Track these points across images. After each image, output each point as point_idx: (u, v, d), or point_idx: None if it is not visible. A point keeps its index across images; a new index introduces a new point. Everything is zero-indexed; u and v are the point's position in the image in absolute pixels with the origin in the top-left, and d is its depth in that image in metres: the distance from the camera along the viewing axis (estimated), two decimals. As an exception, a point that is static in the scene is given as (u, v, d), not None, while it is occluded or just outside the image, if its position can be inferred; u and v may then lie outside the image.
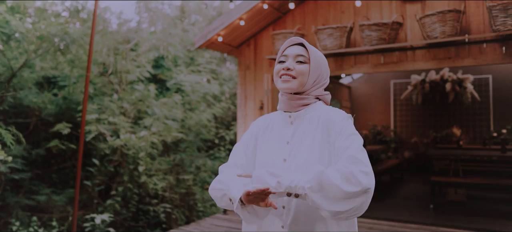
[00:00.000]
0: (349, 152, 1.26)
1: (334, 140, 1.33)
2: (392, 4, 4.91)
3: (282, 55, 1.44)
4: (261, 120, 1.55)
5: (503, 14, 3.97)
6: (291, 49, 1.43)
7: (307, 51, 1.41)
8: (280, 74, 1.41)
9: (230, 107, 10.37)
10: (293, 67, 1.38)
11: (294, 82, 1.39)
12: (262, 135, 1.50)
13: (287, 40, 1.47)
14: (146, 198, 5.83)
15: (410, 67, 4.86)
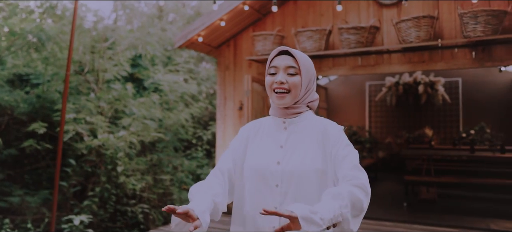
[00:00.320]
0: (350, 160, 1.34)
1: (331, 149, 1.39)
2: (370, 9, 5.05)
3: (272, 67, 1.45)
4: (251, 125, 1.58)
5: (473, 21, 4.17)
6: (280, 60, 1.44)
7: (296, 61, 1.42)
8: (273, 88, 1.43)
9: (208, 107, 10.34)
10: (286, 80, 1.41)
11: (288, 97, 1.42)
12: (253, 139, 1.53)
13: (274, 49, 1.47)
14: (124, 198, 5.76)
15: (386, 70, 5.01)
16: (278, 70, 1.43)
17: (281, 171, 1.40)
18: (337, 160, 1.36)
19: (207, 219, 1.26)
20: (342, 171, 1.33)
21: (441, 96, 8.50)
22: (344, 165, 1.34)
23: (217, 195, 1.39)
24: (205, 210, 1.28)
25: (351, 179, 1.28)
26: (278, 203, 1.39)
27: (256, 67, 5.70)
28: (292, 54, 1.43)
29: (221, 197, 1.40)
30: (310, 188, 1.37)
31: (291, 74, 1.41)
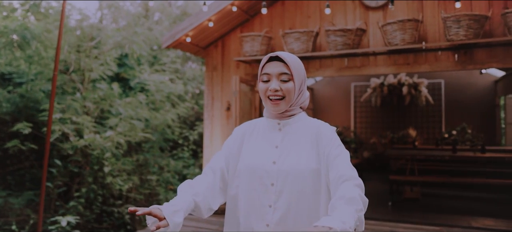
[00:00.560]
0: (344, 160, 1.39)
1: (324, 148, 1.43)
2: (356, 11, 5.13)
3: (264, 74, 1.47)
4: (246, 125, 1.61)
5: (456, 25, 4.29)
6: (272, 67, 1.46)
7: (288, 67, 1.45)
8: (267, 95, 1.46)
9: (194, 107, 10.33)
10: (280, 87, 1.44)
11: (282, 103, 1.46)
12: (248, 138, 1.56)
13: (265, 56, 1.49)
14: (110, 199, 5.71)
15: (372, 72, 5.10)
16: (271, 77, 1.45)
17: (277, 171, 1.43)
18: (329, 159, 1.40)
19: (177, 220, 1.28)
20: (338, 170, 1.36)
21: (424, 97, 8.68)
22: (338, 164, 1.38)
23: (197, 194, 1.42)
24: (179, 210, 1.31)
25: (349, 179, 1.32)
26: (273, 202, 1.42)
27: (244, 68, 5.73)
28: (283, 59, 1.45)
29: (202, 196, 1.43)
30: (304, 187, 1.41)
31: (284, 80, 1.44)
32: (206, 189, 1.47)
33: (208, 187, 1.48)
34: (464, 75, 8.75)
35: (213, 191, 1.50)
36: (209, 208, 1.47)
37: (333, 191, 1.36)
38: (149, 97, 7.60)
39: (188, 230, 4.62)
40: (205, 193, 1.45)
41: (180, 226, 1.33)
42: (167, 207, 1.30)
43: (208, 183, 1.49)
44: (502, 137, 8.25)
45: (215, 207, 1.50)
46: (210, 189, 1.49)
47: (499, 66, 4.60)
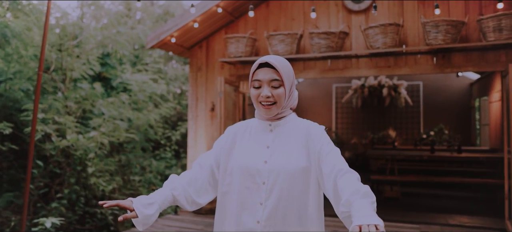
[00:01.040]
0: (338, 155, 1.45)
1: (315, 146, 1.49)
2: (339, 14, 5.24)
3: (255, 80, 1.51)
4: (239, 125, 1.66)
5: (435, 30, 4.44)
6: (263, 73, 1.50)
7: (279, 73, 1.49)
8: (259, 100, 1.51)
9: (176, 107, 10.28)
10: (271, 93, 1.49)
11: (274, 108, 1.51)
12: (241, 138, 1.61)
13: (256, 63, 1.53)
14: (93, 200, 5.65)
15: (354, 74, 5.23)
16: (262, 83, 1.50)
17: (268, 170, 1.49)
18: (321, 155, 1.46)
19: (147, 212, 1.40)
20: (334, 164, 1.41)
21: (403, 98, 8.90)
22: (333, 158, 1.43)
23: (175, 188, 1.51)
24: (153, 202, 1.43)
25: (349, 172, 1.37)
26: (264, 199, 1.48)
27: (228, 69, 5.77)
28: (273, 65, 1.49)
29: (180, 189, 1.52)
30: (293, 185, 1.47)
31: (275, 87, 1.49)
32: (187, 183, 1.54)
33: (190, 181, 1.55)
34: (442, 77, 9.02)
35: (198, 186, 1.57)
36: (192, 201, 1.55)
37: (329, 183, 1.39)
38: (132, 97, 7.53)
39: (173, 230, 4.62)
40: (185, 187, 1.53)
41: (152, 218, 1.43)
42: (140, 199, 1.42)
43: (190, 178, 1.56)
44: (477, 137, 8.55)
45: (202, 201, 1.58)
46: (192, 183, 1.56)
47: (474, 70, 4.78)
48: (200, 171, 1.59)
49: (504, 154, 4.62)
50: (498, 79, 6.56)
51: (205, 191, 1.59)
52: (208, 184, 1.59)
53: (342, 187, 1.33)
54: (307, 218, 1.49)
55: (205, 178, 1.59)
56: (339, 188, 1.35)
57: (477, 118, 8.64)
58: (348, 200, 1.24)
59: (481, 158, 6.19)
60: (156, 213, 1.46)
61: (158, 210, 1.47)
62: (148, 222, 1.44)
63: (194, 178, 1.57)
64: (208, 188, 1.60)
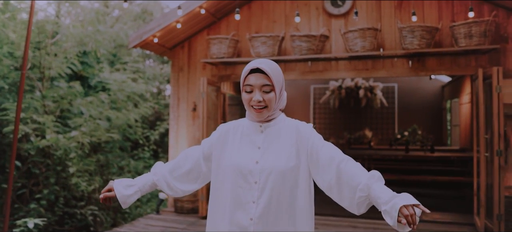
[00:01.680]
0: (331, 145, 1.57)
1: (307, 143, 1.59)
2: (320, 18, 5.39)
3: (247, 85, 1.58)
4: (231, 124, 1.73)
5: (411, 35, 4.65)
6: (255, 78, 1.56)
7: (270, 78, 1.56)
8: (251, 104, 1.58)
9: (154, 107, 10.22)
10: (263, 98, 1.56)
11: (265, 111, 1.59)
12: (233, 137, 1.67)
13: (246, 67, 1.60)
14: (72, 201, 5.58)
15: (333, 76, 5.39)
16: (253, 88, 1.56)
17: (259, 170, 1.56)
18: (315, 150, 1.56)
19: (125, 192, 1.60)
20: (332, 156, 1.52)
21: (379, 100, 9.17)
22: (329, 150, 1.55)
23: (156, 173, 1.68)
24: (133, 185, 1.63)
25: (349, 160, 1.51)
26: (256, 198, 1.55)
27: (210, 69, 5.82)
28: (264, 71, 1.55)
29: (160, 175, 1.67)
30: (284, 183, 1.55)
31: (266, 91, 1.56)
32: (169, 171, 1.69)
33: (173, 169, 1.69)
34: (415, 80, 9.35)
35: (180, 173, 1.70)
36: (173, 187, 1.69)
37: (330, 173, 1.51)
38: (111, 96, 7.46)
39: (157, 230, 4.64)
40: (165, 174, 1.67)
41: (130, 198, 1.61)
42: (121, 181, 1.63)
43: (173, 166, 1.70)
44: (448, 137, 8.92)
45: (183, 188, 1.71)
46: (175, 170, 1.69)
47: (447, 73, 5.03)
48: (185, 161, 1.70)
49: (473, 153, 4.88)
50: (468, 82, 6.89)
51: (187, 180, 1.71)
52: (192, 175, 1.71)
53: (351, 174, 1.46)
54: (298, 213, 1.57)
55: (189, 168, 1.70)
56: (346, 175, 1.46)
57: (448, 119, 9.02)
58: (366, 185, 1.39)
59: (452, 158, 6.49)
60: (135, 194, 1.63)
61: (137, 192, 1.64)
62: (126, 201, 1.61)
63: (177, 166, 1.69)
64: (190, 178, 1.71)
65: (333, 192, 1.53)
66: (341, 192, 1.50)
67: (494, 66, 4.64)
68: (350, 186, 1.46)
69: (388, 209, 1.33)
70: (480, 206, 4.52)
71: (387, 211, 1.33)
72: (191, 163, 1.70)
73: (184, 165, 1.70)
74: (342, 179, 1.48)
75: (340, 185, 1.49)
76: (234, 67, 5.73)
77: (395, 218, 1.31)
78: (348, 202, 1.48)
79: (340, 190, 1.50)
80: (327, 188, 1.56)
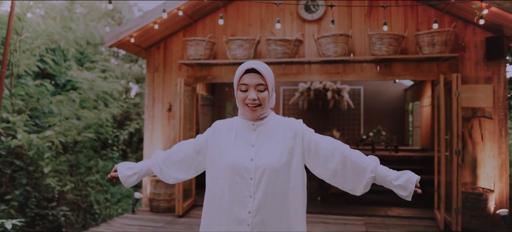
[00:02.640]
0: (329, 138, 1.76)
1: (303, 138, 1.76)
2: (294, 23, 5.61)
3: (242, 84, 1.71)
4: (225, 122, 1.85)
5: (379, 42, 4.96)
6: (250, 78, 1.69)
7: (264, 78, 1.71)
8: (246, 102, 1.72)
9: (123, 106, 10.11)
10: (257, 96, 1.70)
11: (259, 109, 1.73)
12: (227, 134, 1.79)
13: (241, 67, 1.73)
14: (43, 202, 5.48)
15: (306, 79, 5.62)
16: (248, 87, 1.70)
17: (254, 167, 1.69)
18: (314, 143, 1.74)
19: (125, 173, 1.88)
20: (334, 146, 1.73)
21: (346, 101, 9.55)
22: (329, 142, 1.75)
23: (151, 160, 1.91)
24: (133, 168, 1.90)
25: (350, 149, 1.74)
26: (252, 193, 1.69)
27: (186, 70, 5.90)
28: (259, 71, 1.70)
29: (154, 162, 1.89)
30: (277, 178, 1.69)
31: (260, 90, 1.70)
32: (162, 159, 1.89)
33: (166, 158, 1.88)
34: (380, 83, 9.82)
35: (172, 162, 1.88)
36: (165, 174, 1.89)
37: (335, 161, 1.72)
38: (81, 95, 7.34)
39: (134, 229, 4.68)
40: (159, 161, 1.89)
41: (130, 178, 1.87)
42: (124, 164, 1.90)
43: (166, 155, 1.89)
44: (410, 138, 9.44)
45: (176, 176, 1.90)
46: (167, 160, 1.88)
47: (411, 78, 5.39)
48: (179, 151, 1.88)
49: (434, 153, 5.26)
50: (428, 86, 7.36)
51: (179, 169, 1.89)
52: (183, 165, 1.87)
53: (356, 159, 1.71)
54: (292, 205, 1.73)
55: (181, 158, 1.87)
56: (351, 161, 1.70)
57: (410, 121, 9.54)
58: (375, 167, 1.68)
59: (414, 157, 6.91)
60: (134, 176, 1.88)
61: (136, 174, 1.89)
62: (127, 181, 1.87)
63: (171, 155, 1.88)
64: (182, 167, 1.89)
65: (337, 177, 1.73)
66: (345, 176, 1.71)
67: (453, 72, 5.04)
68: (357, 170, 1.68)
69: (403, 183, 1.65)
70: (440, 201, 4.89)
71: (402, 185, 1.65)
72: (183, 154, 1.86)
73: (177, 155, 1.87)
74: (347, 164, 1.69)
75: (346, 170, 1.69)
76: (210, 68, 5.84)
77: (411, 189, 1.64)
78: (352, 184, 1.71)
79: (345, 174, 1.70)
80: (331, 175, 1.74)
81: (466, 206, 4.76)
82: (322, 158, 1.72)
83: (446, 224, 4.80)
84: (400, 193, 1.66)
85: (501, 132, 5.03)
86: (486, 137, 5.05)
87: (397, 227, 4.90)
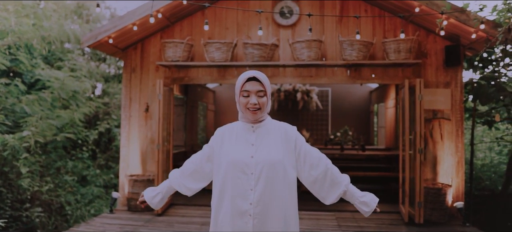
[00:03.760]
0: (317, 151, 2.04)
1: (295, 145, 2.01)
2: (270, 27, 5.85)
3: (245, 90, 1.94)
4: (226, 127, 2.09)
5: (350, 48, 5.29)
6: (251, 85, 1.93)
7: (263, 86, 1.95)
8: (247, 107, 1.95)
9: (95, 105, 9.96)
10: (258, 101, 1.94)
11: (259, 113, 1.96)
12: (229, 137, 2.03)
13: (243, 76, 1.95)
14: (17, 203, 5.40)
15: (281, 81, 5.88)
16: (250, 93, 1.93)
17: (254, 163, 1.93)
18: (304, 151, 2.01)
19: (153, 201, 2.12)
20: (320, 157, 2.02)
21: (314, 103, 9.92)
22: (317, 152, 2.03)
23: (170, 179, 2.14)
24: (158, 193, 2.13)
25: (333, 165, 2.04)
26: (253, 186, 1.92)
27: (163, 71, 5.99)
28: (259, 79, 1.95)
29: (174, 180, 2.12)
30: (274, 173, 1.93)
31: (260, 96, 1.95)
32: (180, 176, 2.12)
33: (182, 173, 2.12)
34: (347, 85, 10.28)
35: (188, 175, 2.11)
36: (185, 187, 2.13)
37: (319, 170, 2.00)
38: (53, 94, 7.22)
39: (115, 228, 4.74)
40: (178, 178, 2.12)
41: (154, 198, 2.11)
42: (148, 191, 2.13)
43: (183, 170, 2.12)
44: (375, 138, 9.95)
45: (193, 186, 2.14)
46: (184, 174, 2.11)
47: (379, 82, 5.77)
48: (190, 164, 2.12)
49: (399, 151, 5.67)
50: (392, 89, 7.84)
51: (193, 179, 2.12)
52: (196, 175, 2.10)
53: (335, 173, 2.02)
54: (287, 197, 1.97)
55: (193, 169, 2.10)
56: (332, 174, 2.02)
57: (375, 121, 10.06)
58: (348, 183, 2.03)
59: (379, 156, 7.36)
60: (158, 196, 2.12)
61: (159, 194, 2.12)
62: (153, 202, 2.11)
63: (183, 171, 2.13)
64: (196, 178, 2.11)
65: (316, 184, 2.02)
66: (322, 185, 2.00)
67: (417, 77, 5.47)
68: (334, 182, 2.00)
69: (368, 201, 2.00)
70: (405, 196, 5.30)
71: (366, 202, 2.00)
72: (194, 165, 2.10)
73: (189, 168, 2.11)
74: (327, 176, 1.99)
75: (325, 180, 2.00)
76: (187, 70, 5.97)
77: (373, 207, 2.00)
78: (326, 193, 2.02)
79: (323, 183, 2.00)
80: (312, 182, 2.02)
81: (428, 200, 5.19)
82: (309, 165, 2.00)
83: (410, 217, 5.21)
84: (363, 208, 2.02)
85: (458, 132, 5.51)
86: (445, 137, 5.51)
87: (366, 221, 5.26)
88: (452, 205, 5.37)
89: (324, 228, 4.88)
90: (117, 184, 9.20)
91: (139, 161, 5.99)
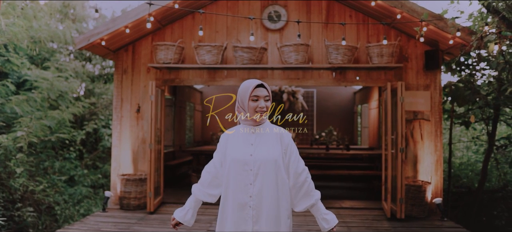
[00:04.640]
0: (301, 163, 2.28)
1: (286, 148, 2.24)
2: (258, 31, 6.05)
3: (255, 95, 2.18)
4: (230, 131, 2.33)
5: (336, 52, 5.54)
6: (260, 91, 2.19)
7: (268, 92, 2.22)
8: (257, 110, 2.18)
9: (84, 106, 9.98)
10: (265, 105, 2.20)
11: (265, 114, 2.21)
12: (232, 139, 2.28)
13: (250, 83, 2.19)
14: (8, 203, 5.45)
15: (269, 83, 6.09)
16: (259, 98, 2.19)
17: (253, 160, 2.18)
18: (294, 158, 2.25)
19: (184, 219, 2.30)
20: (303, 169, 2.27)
21: (300, 103, 10.17)
22: (300, 164, 2.27)
23: (195, 193, 2.32)
24: (188, 210, 2.31)
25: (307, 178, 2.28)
26: (252, 181, 2.16)
27: (155, 73, 6.13)
28: (265, 87, 2.22)
29: (198, 192, 2.31)
30: (271, 170, 2.17)
31: (266, 100, 2.22)
32: (201, 185, 2.33)
33: (203, 183, 2.33)
34: (332, 86, 10.56)
35: (208, 184, 2.33)
36: (209, 195, 2.34)
37: (302, 177, 2.25)
38: (42, 95, 7.26)
39: (109, 226, 4.86)
40: (201, 189, 2.33)
41: (185, 216, 2.29)
42: (177, 212, 2.30)
43: (203, 181, 2.33)
44: (358, 137, 10.26)
45: (215, 192, 2.34)
46: (205, 184, 2.33)
47: (363, 84, 6.04)
48: (207, 175, 2.35)
49: (381, 151, 5.95)
50: (375, 90, 8.14)
51: (213, 186, 2.34)
52: (215, 182, 2.33)
53: (311, 187, 2.30)
54: (281, 191, 2.21)
55: (212, 176, 2.33)
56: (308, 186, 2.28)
57: (359, 122, 10.37)
58: (319, 199, 2.26)
59: (363, 155, 7.65)
60: (189, 212, 2.31)
61: (189, 210, 2.31)
62: (184, 219, 2.30)
63: (202, 182, 2.34)
64: (214, 184, 2.34)
65: (293, 190, 2.27)
66: (297, 193, 2.27)
67: (398, 80, 5.76)
68: (309, 194, 2.27)
69: (329, 219, 2.24)
70: (387, 193, 5.58)
71: (327, 219, 2.24)
72: (211, 174, 2.33)
73: (207, 177, 2.34)
74: (304, 186, 2.26)
75: (301, 189, 2.26)
76: (178, 72, 6.12)
77: (331, 225, 2.23)
78: (298, 201, 2.28)
79: (298, 191, 2.27)
80: (291, 186, 2.27)
81: (408, 196, 5.48)
82: (293, 171, 2.25)
83: (392, 212, 5.49)
84: (323, 224, 2.25)
85: (437, 132, 5.83)
86: (425, 137, 5.81)
87: (351, 217, 5.52)
88: (432, 201, 5.67)
89: (312, 224, 5.11)
90: (104, 184, 9.27)
91: (131, 160, 6.11)
